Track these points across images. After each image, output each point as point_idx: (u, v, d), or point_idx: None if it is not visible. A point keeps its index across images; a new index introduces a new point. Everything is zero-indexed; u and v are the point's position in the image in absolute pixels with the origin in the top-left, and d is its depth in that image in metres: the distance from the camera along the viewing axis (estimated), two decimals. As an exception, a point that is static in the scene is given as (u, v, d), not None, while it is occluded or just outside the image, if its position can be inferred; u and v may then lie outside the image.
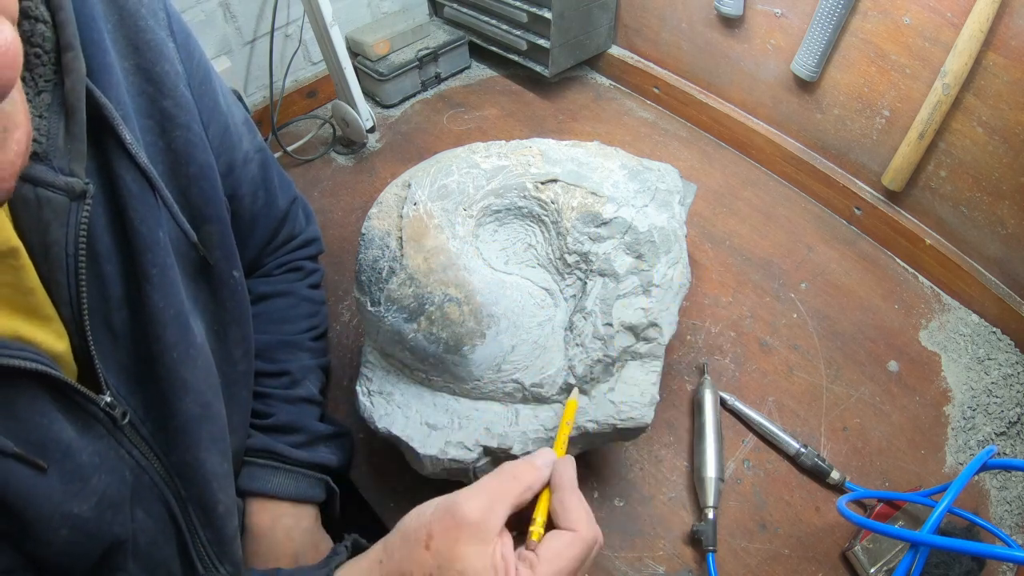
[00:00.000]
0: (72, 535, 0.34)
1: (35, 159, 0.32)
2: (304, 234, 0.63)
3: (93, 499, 0.35)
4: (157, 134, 0.41)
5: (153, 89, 0.40)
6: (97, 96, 0.34)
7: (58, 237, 0.33)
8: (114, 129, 0.35)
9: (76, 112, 0.33)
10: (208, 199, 0.44)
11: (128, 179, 0.37)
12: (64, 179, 0.32)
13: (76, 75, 0.33)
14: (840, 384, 0.70)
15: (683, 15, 0.96)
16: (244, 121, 0.54)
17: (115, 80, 0.37)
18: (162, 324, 0.39)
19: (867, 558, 0.54)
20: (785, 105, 0.89)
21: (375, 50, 1.04)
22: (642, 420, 0.51)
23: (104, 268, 0.37)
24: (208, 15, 0.91)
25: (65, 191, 0.32)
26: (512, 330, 0.53)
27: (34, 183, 0.31)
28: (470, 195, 0.57)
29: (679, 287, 0.57)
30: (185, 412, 0.41)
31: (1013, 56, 0.62)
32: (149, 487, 0.41)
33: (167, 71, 0.41)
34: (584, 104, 1.08)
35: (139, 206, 0.37)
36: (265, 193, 0.56)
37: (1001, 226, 0.72)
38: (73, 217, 0.33)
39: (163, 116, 0.40)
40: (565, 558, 0.35)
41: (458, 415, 0.53)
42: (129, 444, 0.39)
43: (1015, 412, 0.66)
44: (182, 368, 0.41)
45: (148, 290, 0.38)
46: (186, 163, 0.42)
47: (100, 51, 0.36)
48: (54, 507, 0.33)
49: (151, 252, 0.38)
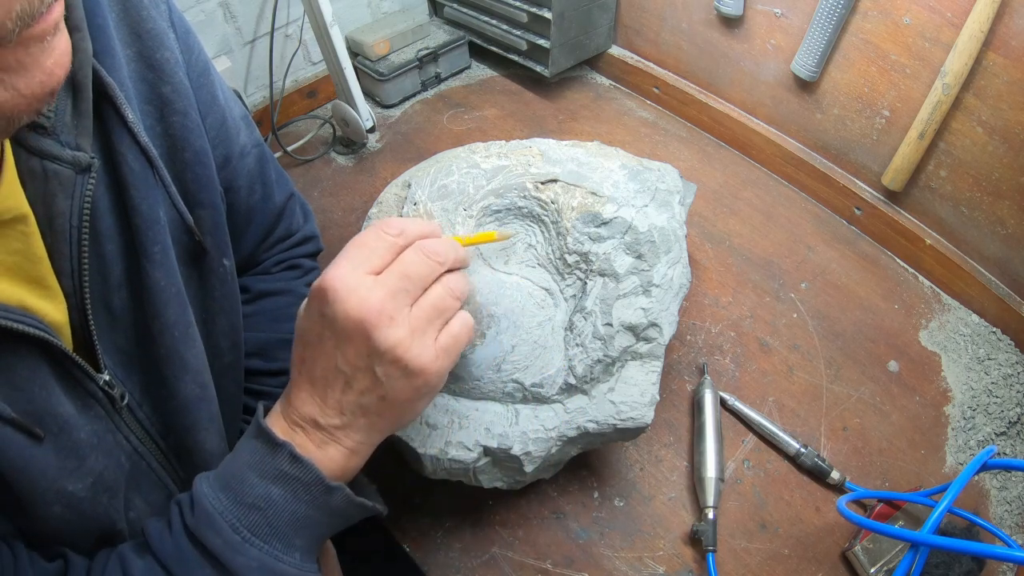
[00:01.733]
0: (66, 513, 0.34)
1: (43, 133, 0.33)
2: (302, 231, 0.63)
3: (88, 479, 0.35)
4: (156, 119, 0.41)
5: (153, 75, 0.41)
6: (102, 75, 0.35)
7: (63, 208, 0.34)
8: (117, 108, 0.36)
9: (83, 90, 0.34)
10: (202, 185, 0.45)
11: (130, 157, 0.37)
12: (71, 153, 0.34)
13: (83, 55, 0.34)
14: (840, 384, 0.70)
15: (683, 15, 0.96)
16: (242, 116, 0.54)
17: (118, 64, 0.38)
18: (163, 302, 0.39)
19: (867, 558, 0.54)
20: (785, 105, 0.89)
21: (375, 50, 1.04)
22: (642, 420, 0.51)
23: (105, 247, 0.37)
24: (208, 15, 0.91)
25: (72, 164, 0.34)
26: (512, 330, 0.53)
27: (41, 156, 0.33)
28: (470, 195, 0.57)
29: (679, 287, 0.57)
30: (184, 392, 0.41)
31: (1013, 56, 0.62)
32: (147, 473, 0.41)
33: (167, 58, 0.41)
34: (584, 104, 1.09)
35: (140, 184, 0.38)
36: (262, 187, 0.56)
37: (1001, 226, 0.72)
38: (78, 189, 0.34)
39: (162, 102, 0.41)
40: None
41: (458, 415, 0.53)
42: (127, 429, 0.40)
43: (1015, 412, 0.66)
44: (182, 347, 0.41)
45: (149, 268, 0.38)
46: (182, 148, 0.43)
47: (105, 35, 0.37)
48: (48, 482, 0.33)
49: (152, 230, 0.39)
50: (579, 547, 0.59)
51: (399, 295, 0.35)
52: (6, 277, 0.32)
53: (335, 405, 0.37)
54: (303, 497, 0.36)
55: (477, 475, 0.53)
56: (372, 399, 0.36)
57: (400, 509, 0.61)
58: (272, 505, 0.35)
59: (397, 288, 0.36)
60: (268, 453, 0.36)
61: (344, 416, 0.37)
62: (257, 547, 0.35)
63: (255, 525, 0.35)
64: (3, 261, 0.32)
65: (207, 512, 0.35)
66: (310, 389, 0.37)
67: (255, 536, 0.35)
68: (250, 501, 0.35)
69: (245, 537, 0.35)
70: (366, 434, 0.38)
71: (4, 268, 0.32)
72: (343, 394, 0.36)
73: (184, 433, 0.42)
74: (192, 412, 0.42)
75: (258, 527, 0.35)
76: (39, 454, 0.32)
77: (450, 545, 0.59)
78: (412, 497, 0.62)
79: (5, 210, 0.31)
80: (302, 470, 0.36)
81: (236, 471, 0.37)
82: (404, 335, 0.35)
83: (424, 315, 0.37)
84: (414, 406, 0.38)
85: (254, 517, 0.35)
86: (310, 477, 0.36)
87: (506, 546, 0.59)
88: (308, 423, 0.37)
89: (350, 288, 0.35)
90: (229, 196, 0.52)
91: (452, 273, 0.39)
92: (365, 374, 0.36)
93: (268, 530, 0.35)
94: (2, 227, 0.31)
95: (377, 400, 0.36)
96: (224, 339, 0.49)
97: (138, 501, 0.40)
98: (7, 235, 0.32)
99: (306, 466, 0.36)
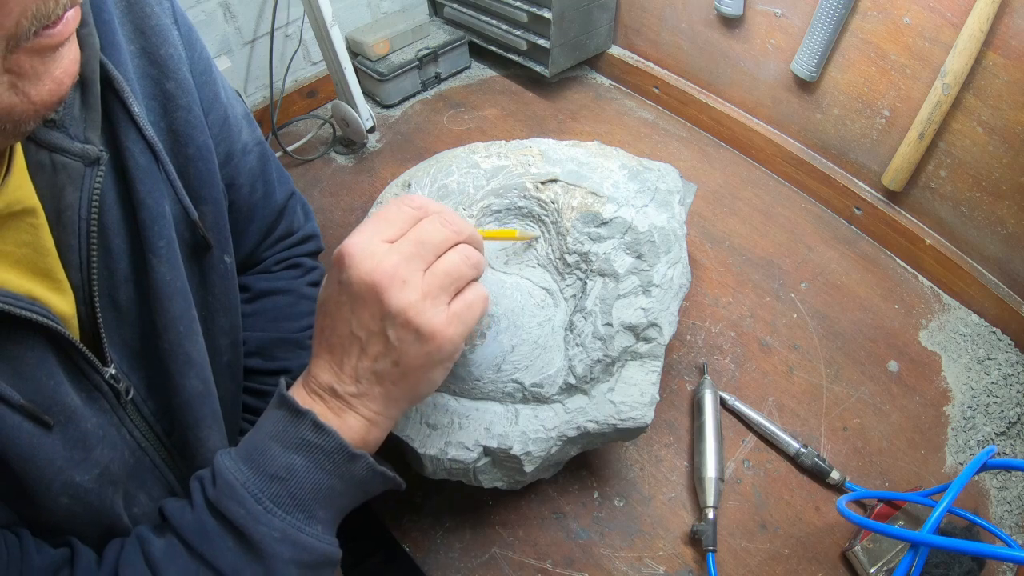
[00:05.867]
0: (73, 504, 0.34)
1: (51, 126, 0.34)
2: (303, 230, 0.64)
3: (95, 471, 0.35)
4: (159, 115, 0.42)
5: (157, 71, 0.41)
6: (109, 69, 0.36)
7: (72, 201, 0.34)
8: (124, 102, 0.37)
9: (91, 84, 0.35)
10: (204, 180, 0.45)
11: (136, 151, 0.38)
12: (80, 146, 0.34)
13: (91, 50, 0.34)
14: (840, 384, 0.70)
15: (683, 15, 0.96)
16: (244, 115, 0.54)
17: (124, 59, 0.38)
18: (168, 296, 0.39)
19: (867, 558, 0.54)
20: (785, 105, 0.89)
21: (375, 50, 1.04)
22: (642, 420, 0.51)
23: (112, 242, 0.38)
24: (208, 15, 0.91)
25: (80, 157, 0.34)
26: (512, 330, 0.53)
27: (50, 149, 0.33)
28: (470, 195, 0.57)
29: (679, 287, 0.57)
30: (189, 388, 0.42)
31: (1013, 56, 0.62)
32: (150, 469, 0.41)
33: (170, 54, 0.42)
34: (584, 104, 1.09)
35: (146, 179, 0.38)
36: (263, 185, 0.56)
37: (1001, 226, 0.72)
38: (87, 182, 0.34)
39: (165, 97, 0.42)
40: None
41: (458, 415, 0.53)
42: (131, 423, 0.40)
43: (1015, 412, 0.66)
44: (187, 342, 0.41)
45: (155, 263, 0.39)
46: (185, 144, 0.43)
47: (111, 31, 0.37)
48: (55, 472, 0.33)
49: (157, 225, 0.39)
50: (579, 547, 0.59)
51: (412, 260, 0.36)
52: (15, 269, 0.32)
53: (351, 372, 0.37)
54: (326, 466, 0.36)
55: (477, 475, 0.53)
56: (386, 364, 0.37)
57: (400, 509, 0.61)
58: (294, 475, 0.36)
59: (411, 253, 0.36)
60: (290, 422, 0.36)
61: (360, 384, 0.37)
62: (279, 517, 0.35)
63: (277, 496, 0.35)
64: (12, 253, 0.32)
65: (229, 483, 0.35)
66: (328, 357, 0.38)
67: (277, 507, 0.35)
68: (272, 472, 0.35)
69: (267, 507, 0.35)
70: (383, 404, 0.38)
71: (13, 260, 0.32)
72: (359, 360, 0.37)
73: (187, 429, 0.42)
74: (195, 408, 0.42)
75: (280, 498, 0.35)
76: (47, 443, 0.32)
77: (450, 545, 0.59)
78: (412, 497, 0.62)
79: (14, 202, 0.32)
80: (325, 438, 0.36)
81: (258, 443, 0.37)
82: (416, 298, 0.35)
83: (437, 281, 0.37)
84: (429, 374, 0.38)
85: (276, 487, 0.35)
86: (333, 444, 0.36)
87: (506, 546, 0.59)
88: (326, 391, 0.37)
89: (366, 253, 0.35)
90: (231, 193, 0.52)
91: (467, 244, 0.39)
92: (378, 338, 0.36)
93: (290, 501, 0.35)
94: (11, 219, 0.32)
95: (391, 366, 0.37)
96: (223, 337, 0.49)
97: (142, 496, 0.40)
98: (16, 227, 0.32)
99: (329, 433, 0.36)
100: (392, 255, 0.35)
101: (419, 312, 0.35)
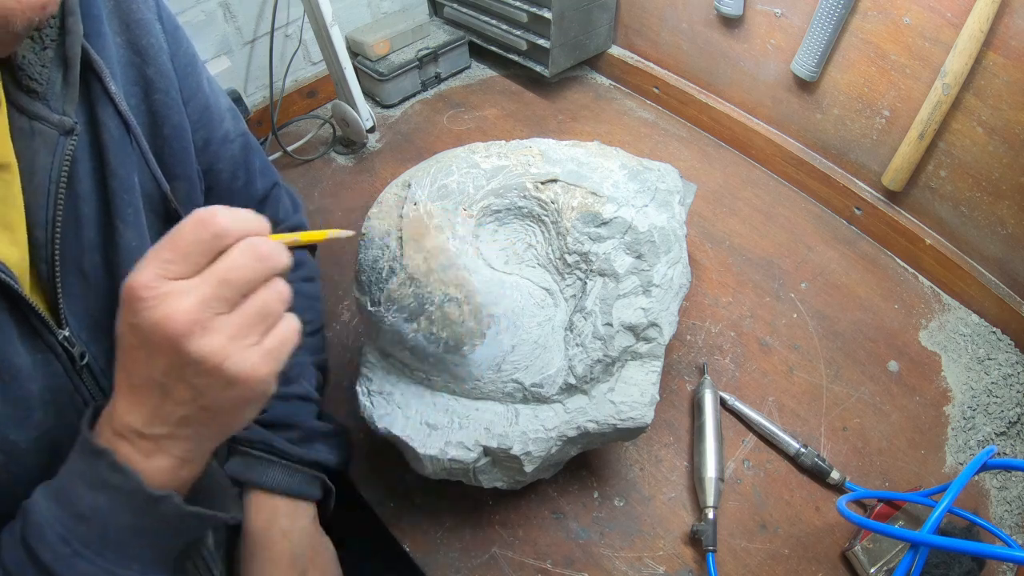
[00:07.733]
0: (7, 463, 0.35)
1: (35, 97, 0.37)
2: (290, 221, 0.64)
3: (33, 432, 0.36)
4: (140, 99, 0.46)
5: (139, 59, 0.45)
6: (91, 53, 0.40)
7: (44, 164, 0.37)
8: (102, 81, 0.41)
9: (72, 66, 0.39)
10: (179, 159, 0.48)
11: (111, 126, 0.41)
12: (58, 117, 0.38)
13: (75, 36, 0.39)
14: (840, 384, 0.70)
15: (683, 15, 0.96)
16: (229, 108, 0.57)
17: (107, 47, 0.42)
18: (133, 262, 0.37)
19: (867, 558, 0.54)
20: (785, 105, 0.89)
21: (375, 50, 1.04)
22: (642, 420, 0.51)
23: (82, 210, 0.40)
24: (208, 15, 0.91)
25: (57, 126, 0.38)
26: (512, 330, 0.53)
27: (31, 117, 0.37)
28: (470, 195, 0.57)
29: (679, 287, 0.57)
30: None
31: (1013, 56, 0.62)
32: None
33: (151, 44, 0.46)
34: (584, 104, 1.09)
35: (118, 150, 0.42)
36: (245, 174, 0.59)
37: (1001, 226, 0.72)
38: (60, 148, 0.38)
39: (146, 83, 0.46)
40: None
41: (458, 415, 0.53)
42: (87, 392, 0.40)
43: (1015, 412, 0.66)
44: None
45: (122, 229, 0.41)
46: (162, 124, 0.47)
47: (97, 22, 0.41)
48: None
49: (127, 193, 0.42)
50: (579, 547, 0.59)
51: (214, 302, 0.32)
52: None
53: (157, 415, 0.34)
54: (127, 506, 0.34)
55: (477, 475, 0.53)
56: (193, 409, 0.34)
57: (400, 509, 0.61)
58: (100, 515, 0.34)
59: (211, 296, 0.32)
60: (90, 463, 0.34)
61: (167, 426, 0.34)
62: (88, 560, 0.33)
63: (86, 537, 0.33)
64: None
65: (37, 524, 0.33)
66: (130, 398, 0.34)
67: (87, 548, 0.33)
68: (79, 511, 0.33)
69: (76, 550, 0.33)
70: (195, 443, 0.36)
71: None
72: (162, 404, 0.34)
73: None
74: None
75: (89, 539, 0.33)
76: None
77: (450, 545, 0.59)
78: (412, 497, 0.62)
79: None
80: (123, 479, 0.34)
81: (66, 481, 0.35)
82: (220, 343, 0.32)
83: (246, 321, 0.33)
84: (241, 413, 0.36)
85: (84, 528, 0.33)
86: (131, 486, 0.34)
87: (506, 546, 0.59)
88: (131, 433, 0.34)
89: (158, 296, 0.31)
90: (210, 179, 0.55)
91: (278, 278, 0.36)
92: (182, 385, 0.33)
93: (100, 542, 0.33)
94: None
95: (199, 410, 0.34)
96: None
97: None
98: None
99: (127, 475, 0.33)
100: (187, 298, 0.31)
101: (225, 357, 0.32)
